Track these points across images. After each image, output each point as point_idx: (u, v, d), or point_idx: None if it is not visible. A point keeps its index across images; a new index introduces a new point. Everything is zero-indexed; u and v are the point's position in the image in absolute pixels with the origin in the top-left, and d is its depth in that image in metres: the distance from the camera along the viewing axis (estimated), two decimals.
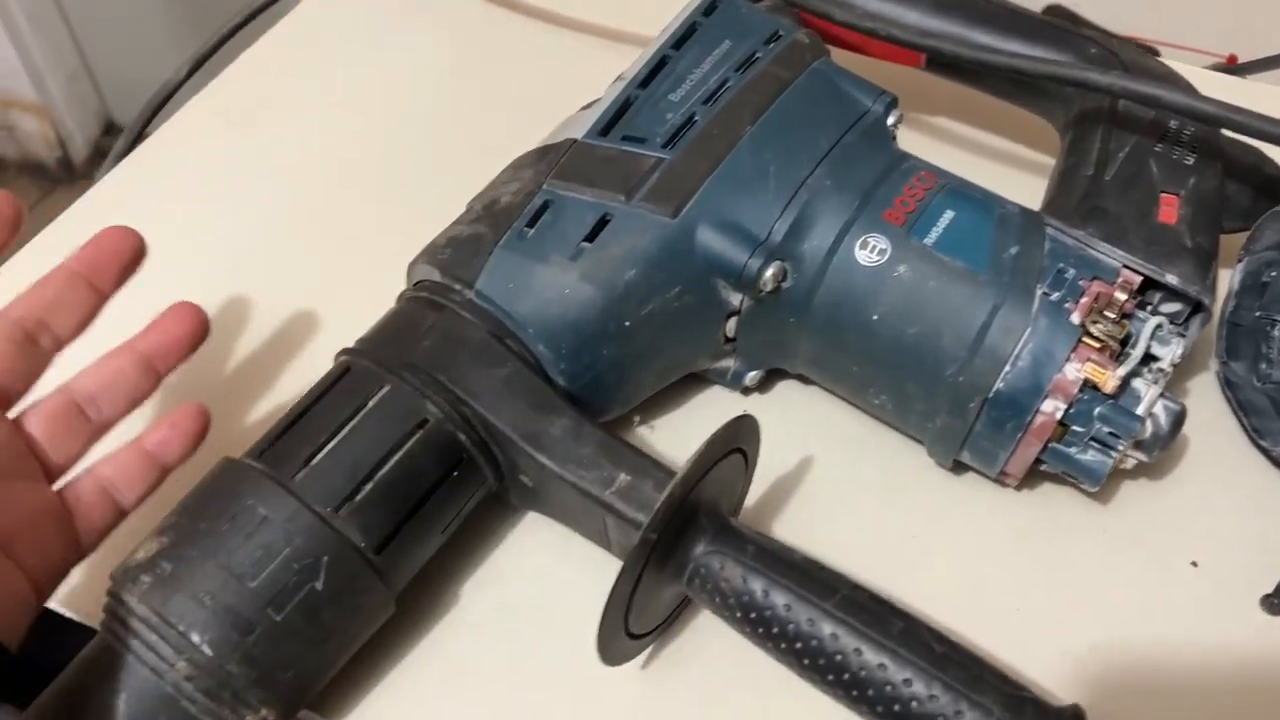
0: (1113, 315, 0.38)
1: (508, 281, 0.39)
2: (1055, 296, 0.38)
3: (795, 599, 0.34)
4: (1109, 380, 0.37)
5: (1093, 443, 0.39)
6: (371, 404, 0.37)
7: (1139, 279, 0.40)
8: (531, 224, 0.40)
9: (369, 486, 0.36)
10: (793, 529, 0.43)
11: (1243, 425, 0.46)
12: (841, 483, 0.45)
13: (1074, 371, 0.38)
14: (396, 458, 0.36)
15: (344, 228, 0.54)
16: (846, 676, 0.33)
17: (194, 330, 0.39)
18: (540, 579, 0.42)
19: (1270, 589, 0.42)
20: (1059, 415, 0.38)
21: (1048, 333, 0.38)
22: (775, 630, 0.34)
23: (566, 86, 0.47)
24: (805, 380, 0.47)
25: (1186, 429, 0.47)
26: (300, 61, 0.63)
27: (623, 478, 0.36)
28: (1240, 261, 0.46)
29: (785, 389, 0.48)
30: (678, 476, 0.33)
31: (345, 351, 0.39)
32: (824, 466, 0.45)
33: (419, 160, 0.57)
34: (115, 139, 0.61)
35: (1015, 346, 0.38)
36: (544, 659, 0.39)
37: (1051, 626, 0.41)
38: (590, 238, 0.39)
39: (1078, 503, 0.44)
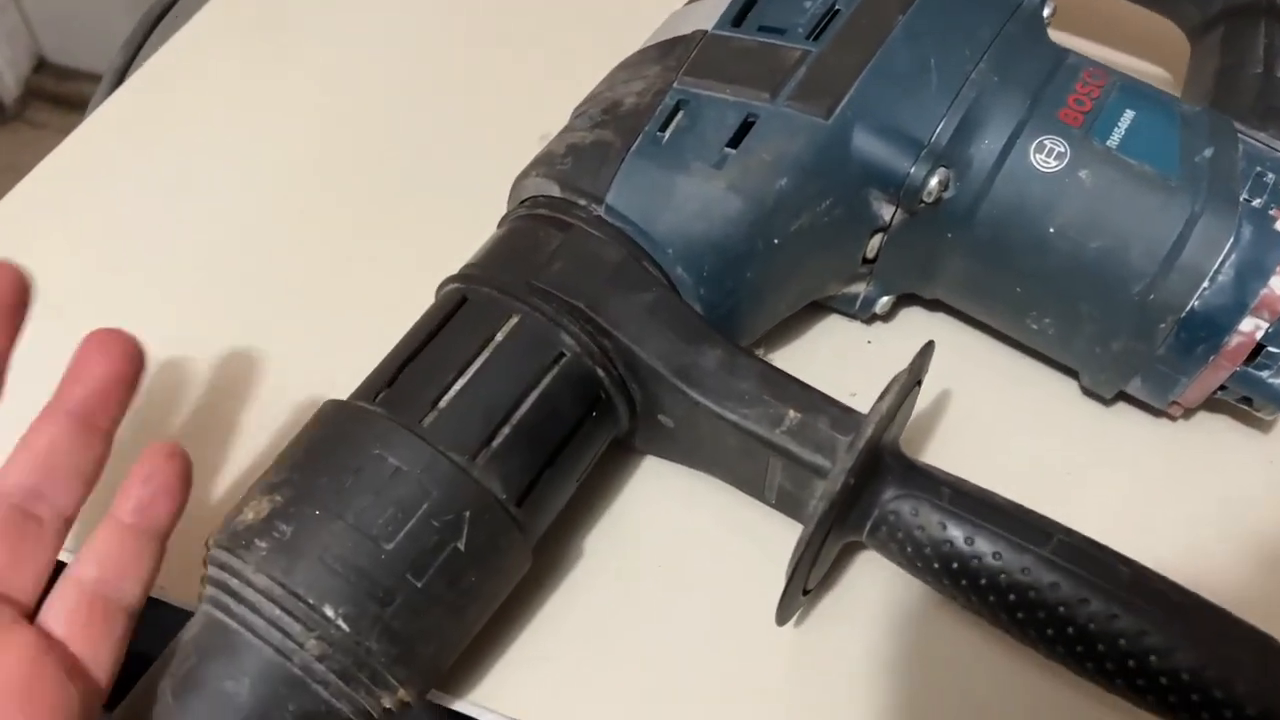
0: None
1: (643, 195, 0.34)
2: (1258, 203, 0.34)
3: (1006, 546, 0.30)
4: None
5: None
6: (501, 336, 0.32)
7: None
8: (664, 128, 0.35)
9: (506, 430, 0.31)
10: (937, 464, 0.39)
11: None
12: (985, 416, 0.41)
13: None
14: (534, 397, 0.31)
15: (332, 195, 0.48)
16: (1071, 630, 0.29)
17: (123, 364, 0.28)
18: (670, 529, 0.37)
19: None
20: (1260, 335, 0.34)
21: (1253, 243, 0.34)
22: (983, 582, 0.30)
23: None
24: (931, 306, 0.43)
25: None
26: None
27: (792, 415, 0.32)
28: None
29: (909, 316, 0.44)
30: (876, 412, 0.29)
31: (454, 279, 0.34)
32: (964, 399, 0.41)
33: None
34: (46, 77, 0.54)
35: (1216, 259, 0.34)
36: (682, 616, 0.35)
37: (1230, 562, 0.38)
38: (734, 142, 0.34)
39: (1235, 432, 0.41)
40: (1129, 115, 0.36)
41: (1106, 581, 0.29)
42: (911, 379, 0.31)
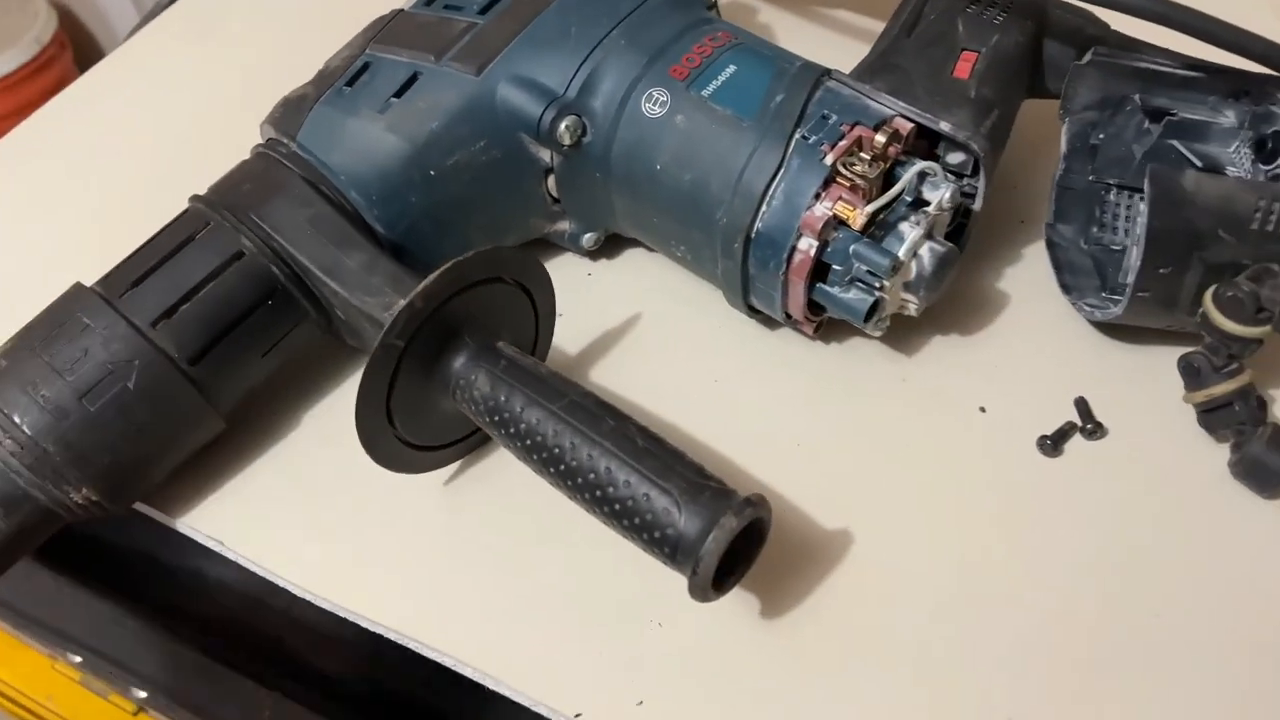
0: (867, 156, 0.40)
1: (325, 134, 0.43)
2: (813, 140, 0.40)
3: (529, 403, 0.37)
4: (857, 216, 0.39)
5: (856, 283, 0.41)
6: (198, 238, 0.42)
7: (910, 125, 0.41)
8: (350, 83, 0.44)
9: (185, 306, 0.41)
10: (608, 376, 0.47)
11: (1059, 282, 0.47)
12: (665, 338, 0.48)
13: (823, 209, 0.40)
14: (212, 285, 0.41)
15: None
16: (562, 467, 0.36)
17: None
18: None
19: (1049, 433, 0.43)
20: (813, 252, 0.40)
21: (799, 172, 0.40)
22: (512, 430, 0.38)
23: None
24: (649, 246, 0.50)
25: (1007, 287, 0.48)
26: None
27: (400, 303, 0.40)
28: (1064, 123, 0.47)
29: (632, 255, 0.51)
30: (417, 289, 0.37)
31: (192, 197, 0.45)
32: (653, 323, 0.48)
33: None
34: None
35: (769, 185, 0.40)
36: (362, 478, 0.44)
37: (832, 462, 0.43)
38: (399, 93, 0.43)
39: (882, 355, 0.46)
40: (730, 70, 0.43)
41: (591, 430, 0.36)
42: (461, 270, 0.38)
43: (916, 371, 0.46)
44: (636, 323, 0.48)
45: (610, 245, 0.50)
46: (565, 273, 0.50)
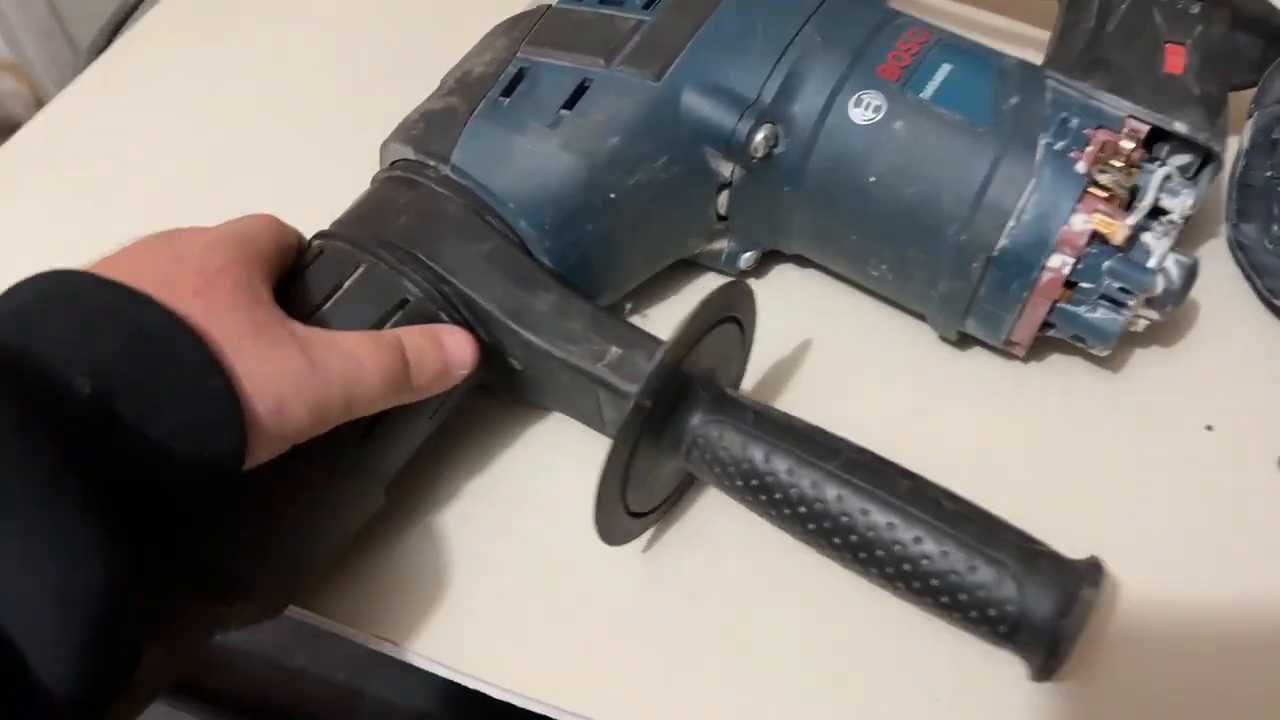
0: (1119, 164, 0.36)
1: (485, 154, 0.37)
2: (1060, 146, 0.36)
3: (797, 463, 0.32)
4: (1118, 231, 0.36)
5: (1102, 300, 0.37)
6: (348, 284, 0.35)
7: (1146, 128, 0.38)
8: (507, 93, 0.38)
9: None
10: (795, 410, 0.42)
11: (1254, 288, 0.44)
12: (843, 362, 0.43)
13: (1081, 223, 0.36)
14: None
15: (317, 138, 0.52)
16: (854, 539, 0.31)
17: None
18: (538, 470, 0.40)
19: None
20: (1067, 271, 0.36)
21: (1053, 183, 0.36)
22: (778, 496, 0.32)
23: None
24: (802, 263, 0.45)
25: (1197, 294, 0.45)
26: None
27: (614, 351, 0.34)
28: (1250, 118, 0.44)
29: (782, 272, 0.46)
30: (668, 342, 0.32)
31: (320, 235, 0.37)
32: (824, 347, 0.44)
33: (394, 62, 0.55)
34: None
35: (1019, 199, 0.36)
36: (545, 548, 0.38)
37: (1064, 495, 0.39)
38: (569, 104, 0.37)
39: (1088, 372, 0.43)
40: (945, 68, 0.38)
41: (886, 493, 0.31)
42: (710, 312, 0.33)
43: (1126, 389, 0.42)
44: (809, 350, 0.43)
45: (760, 263, 0.45)
46: None
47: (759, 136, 0.38)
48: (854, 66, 0.38)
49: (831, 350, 0.43)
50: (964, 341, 0.43)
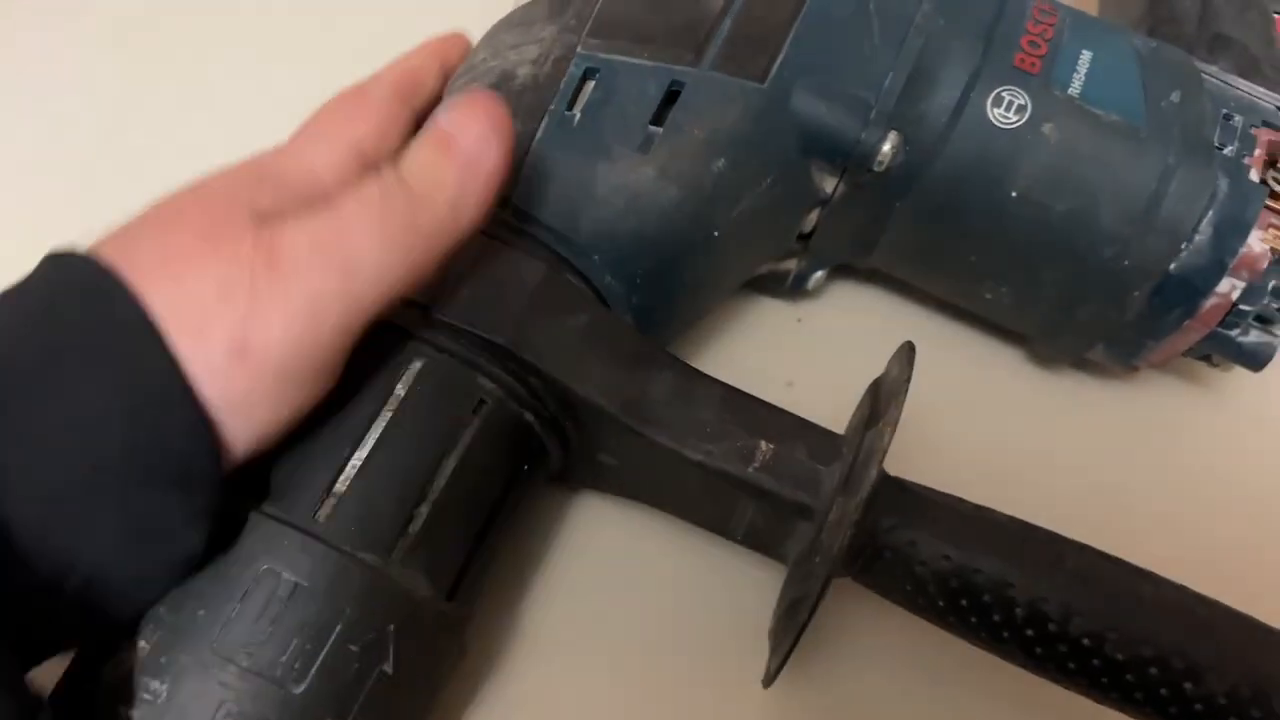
0: None
1: (559, 191, 0.28)
2: (1230, 151, 0.31)
3: (1019, 575, 0.26)
4: None
5: (1256, 322, 0.33)
6: (403, 389, 0.25)
7: None
8: (572, 105, 0.28)
9: (425, 509, 0.25)
10: (897, 466, 0.36)
11: None
12: (930, 394, 0.37)
13: (1258, 242, 0.31)
14: (454, 462, 0.25)
15: None
16: (1097, 662, 0.26)
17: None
18: (617, 574, 0.32)
19: None
20: (1236, 296, 0.32)
21: (1231, 196, 0.31)
22: (997, 618, 0.26)
23: None
24: (860, 275, 0.39)
25: None
26: None
27: (764, 446, 0.27)
28: None
29: (838, 287, 0.39)
30: (877, 443, 0.25)
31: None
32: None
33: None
34: None
35: (1197, 217, 0.31)
36: (641, 676, 0.31)
37: (1192, 525, 0.36)
38: (658, 118, 0.28)
39: (1183, 388, 0.39)
40: (1086, 56, 0.32)
41: (1128, 605, 0.26)
42: (900, 388, 0.26)
43: (1222, 403, 0.39)
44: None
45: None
46: (767, 321, 0.38)
47: (887, 146, 0.30)
48: (987, 56, 0.31)
49: (920, 383, 0.37)
50: (1049, 359, 0.38)
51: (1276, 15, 0.37)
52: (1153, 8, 0.37)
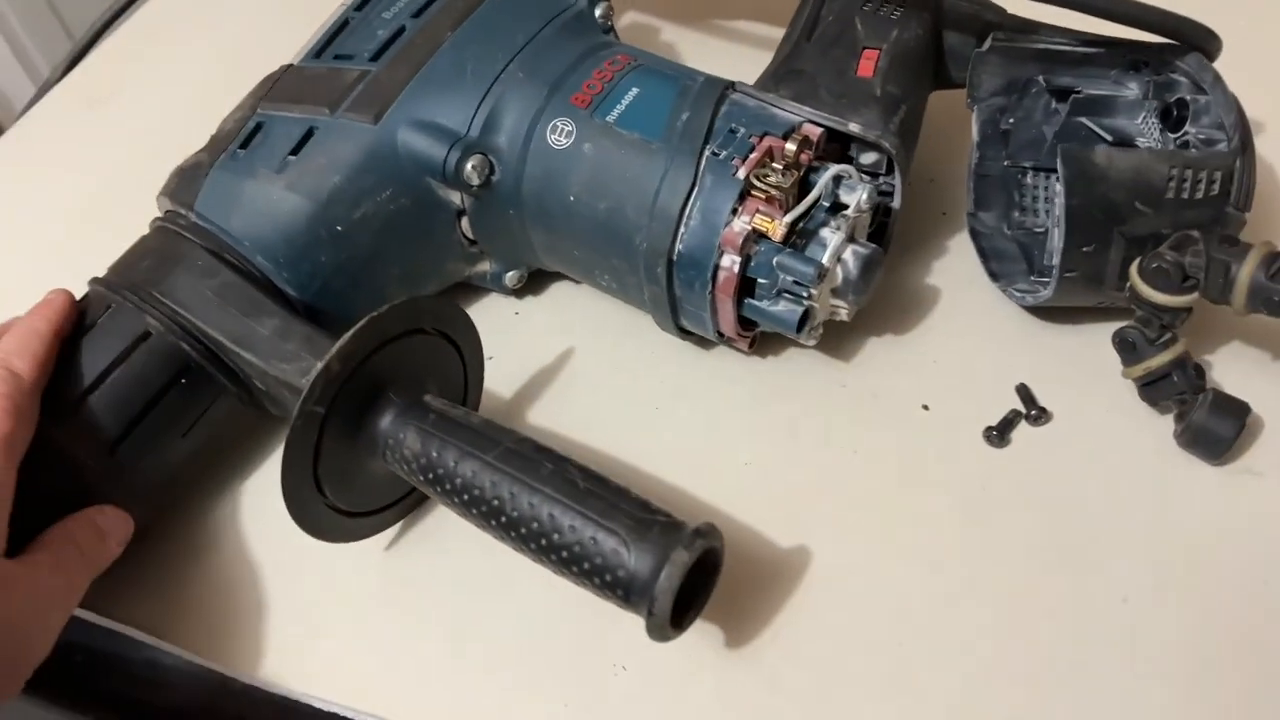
0: (780, 166, 0.39)
1: (223, 200, 0.42)
2: (723, 155, 0.40)
3: (462, 455, 0.36)
4: (777, 228, 0.39)
5: (784, 294, 0.40)
6: (100, 323, 0.40)
7: (820, 130, 0.41)
8: (245, 145, 0.43)
9: (93, 396, 0.39)
10: (546, 416, 0.45)
11: (988, 271, 0.46)
12: (600, 369, 0.47)
13: (741, 224, 0.39)
14: (120, 369, 0.39)
15: None
16: (504, 519, 0.35)
17: None
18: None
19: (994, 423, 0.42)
20: (736, 268, 0.39)
21: (713, 189, 0.39)
22: (448, 486, 0.36)
23: None
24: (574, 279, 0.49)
25: (937, 282, 0.48)
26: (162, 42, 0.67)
27: (318, 365, 0.39)
28: (973, 112, 0.46)
29: (559, 289, 0.50)
30: (331, 351, 0.36)
31: (92, 281, 0.43)
32: (585, 355, 0.47)
33: None
34: None
35: (684, 206, 0.39)
36: (300, 552, 0.42)
37: (782, 477, 0.42)
38: (296, 151, 0.42)
39: (820, 363, 0.45)
40: (632, 93, 0.42)
41: (530, 478, 0.35)
42: (375, 327, 0.37)
43: (856, 376, 0.45)
44: (570, 357, 0.47)
45: (535, 281, 0.49)
46: (491, 314, 0.49)
47: (469, 166, 0.42)
48: (550, 97, 0.42)
49: (589, 357, 0.47)
50: (706, 342, 0.46)
51: (869, 49, 0.44)
52: (776, 53, 0.46)
